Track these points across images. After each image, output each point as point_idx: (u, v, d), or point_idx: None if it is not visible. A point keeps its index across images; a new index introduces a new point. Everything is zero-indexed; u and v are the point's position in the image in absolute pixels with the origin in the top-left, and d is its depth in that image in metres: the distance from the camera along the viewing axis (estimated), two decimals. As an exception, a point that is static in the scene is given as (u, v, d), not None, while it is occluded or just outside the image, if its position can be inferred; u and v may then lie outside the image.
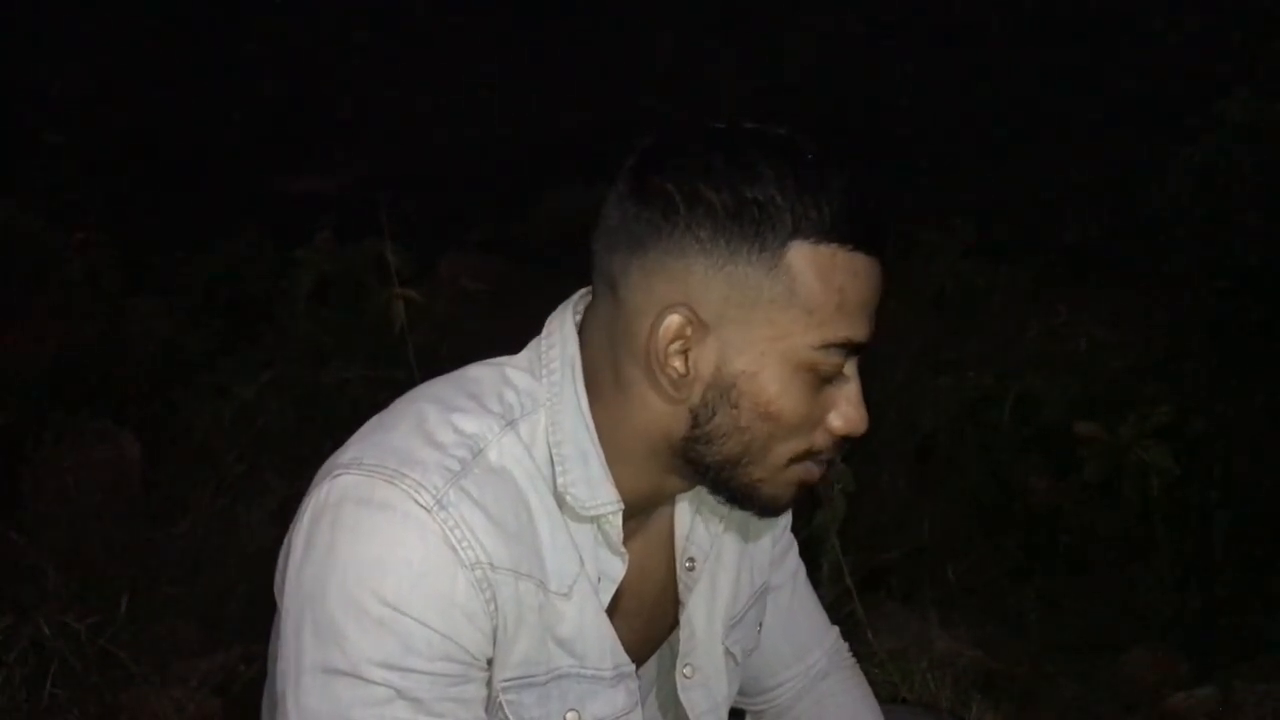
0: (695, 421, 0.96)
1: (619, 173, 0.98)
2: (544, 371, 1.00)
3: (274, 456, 2.97)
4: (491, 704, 0.98)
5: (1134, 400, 3.00)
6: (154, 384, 3.45)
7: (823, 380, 0.96)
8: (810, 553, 1.32)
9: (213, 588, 2.49)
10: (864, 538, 2.51)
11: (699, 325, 0.94)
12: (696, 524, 1.09)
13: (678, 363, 0.95)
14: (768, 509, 1.01)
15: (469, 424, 0.97)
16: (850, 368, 0.97)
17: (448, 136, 6.90)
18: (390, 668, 0.91)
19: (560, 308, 1.03)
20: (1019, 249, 4.47)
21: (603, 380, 0.99)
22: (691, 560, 1.09)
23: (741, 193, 0.91)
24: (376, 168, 6.25)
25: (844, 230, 0.92)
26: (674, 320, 0.94)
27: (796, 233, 0.91)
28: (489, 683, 0.98)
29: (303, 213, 4.58)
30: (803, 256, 0.92)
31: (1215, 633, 2.44)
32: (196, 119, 6.70)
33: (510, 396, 1.00)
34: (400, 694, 0.91)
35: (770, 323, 0.93)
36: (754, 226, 0.91)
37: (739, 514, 1.12)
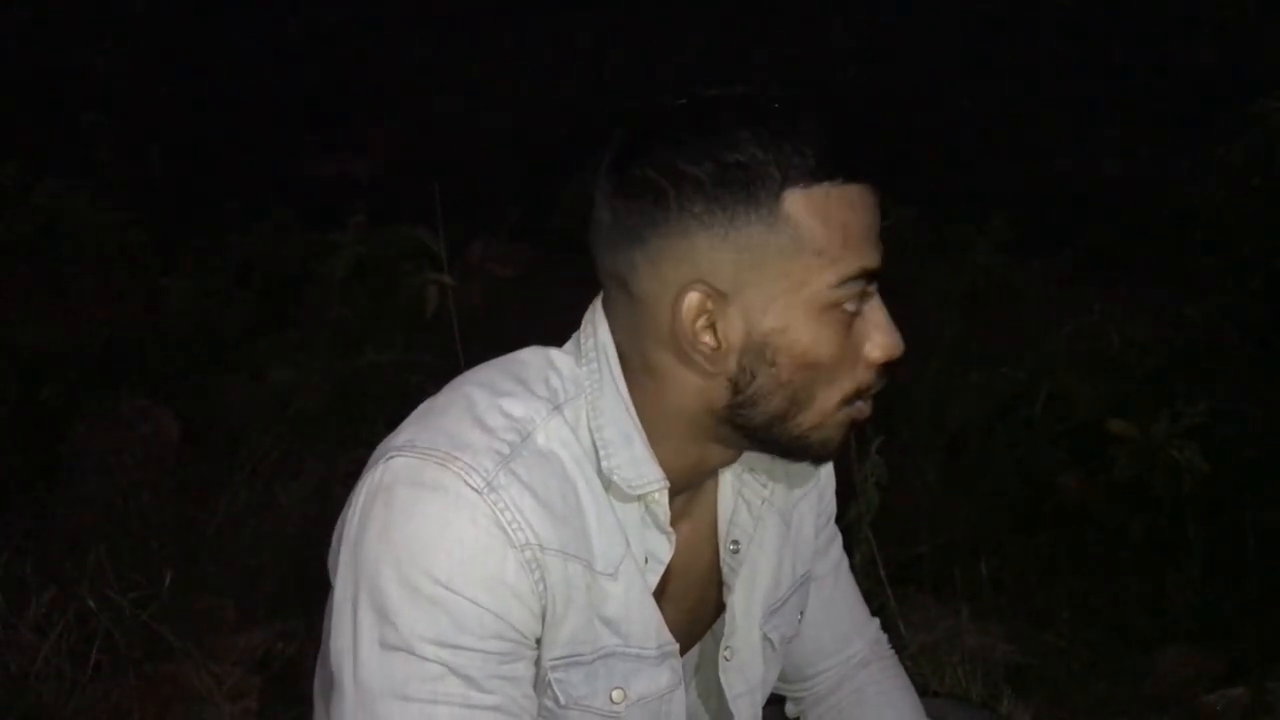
0: (736, 389, 0.98)
1: (598, 172, 0.99)
2: (584, 359, 1.02)
3: (310, 438, 3.00)
4: (540, 682, 1.01)
5: (1166, 399, 2.98)
6: (191, 364, 3.49)
7: (850, 316, 0.97)
8: (843, 545, 1.34)
9: (250, 566, 2.52)
10: (896, 531, 2.51)
11: (718, 297, 0.95)
12: (739, 506, 1.11)
13: (707, 338, 0.96)
14: (821, 455, 1.02)
15: (517, 408, 0.99)
16: (873, 295, 0.98)
17: (477, 121, 6.92)
18: (443, 645, 0.93)
19: (594, 302, 1.05)
20: (1052, 245, 4.44)
21: (635, 368, 1.01)
22: (736, 543, 1.11)
23: (723, 159, 0.92)
24: (406, 151, 6.27)
25: (829, 167, 0.93)
26: (693, 298, 0.95)
27: (786, 182, 0.92)
28: (538, 662, 1.00)
29: (333, 195, 4.61)
30: (798, 203, 0.93)
31: (1247, 632, 2.43)
32: (230, 100, 6.74)
33: (555, 381, 1.02)
34: (452, 670, 0.94)
35: (785, 275, 0.94)
36: (744, 188, 0.93)
37: (779, 498, 1.14)
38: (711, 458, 1.04)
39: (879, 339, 0.98)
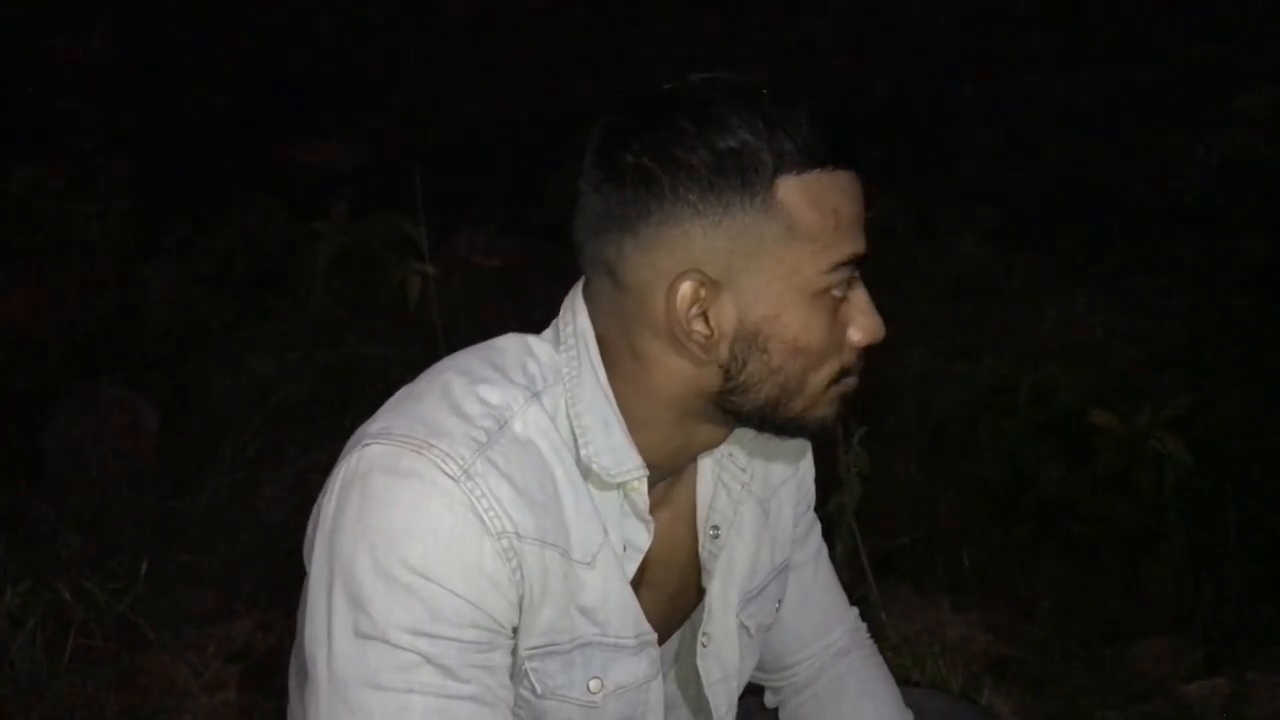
0: (728, 375, 0.98)
1: (586, 158, 0.98)
2: (563, 346, 1.02)
3: (291, 428, 2.99)
4: (517, 672, 1.00)
5: (1149, 390, 3.00)
6: (171, 353, 3.47)
7: (837, 301, 0.98)
8: (825, 535, 1.33)
9: (229, 557, 2.50)
10: (877, 521, 2.51)
11: (711, 285, 0.95)
12: (719, 491, 1.10)
13: (700, 326, 0.96)
14: (819, 433, 1.04)
15: (494, 395, 0.98)
16: (855, 279, 0.99)
17: (462, 112, 6.89)
18: (418, 634, 0.92)
19: (573, 289, 1.04)
20: (1037, 237, 4.45)
21: (619, 356, 1.00)
22: (716, 528, 1.11)
23: (717, 146, 0.92)
24: (390, 141, 6.25)
25: (821, 153, 0.94)
26: (687, 287, 0.95)
27: (779, 169, 0.93)
28: (514, 651, 0.99)
29: (316, 184, 4.58)
30: (791, 189, 0.93)
31: (1227, 623, 2.45)
32: (213, 88, 6.70)
33: (533, 368, 1.01)
34: (428, 660, 0.93)
35: (779, 262, 0.94)
36: (739, 175, 0.92)
37: (758, 485, 1.14)
38: (697, 442, 1.04)
39: (862, 322, 0.99)
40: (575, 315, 1.02)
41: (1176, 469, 2.71)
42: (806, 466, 1.24)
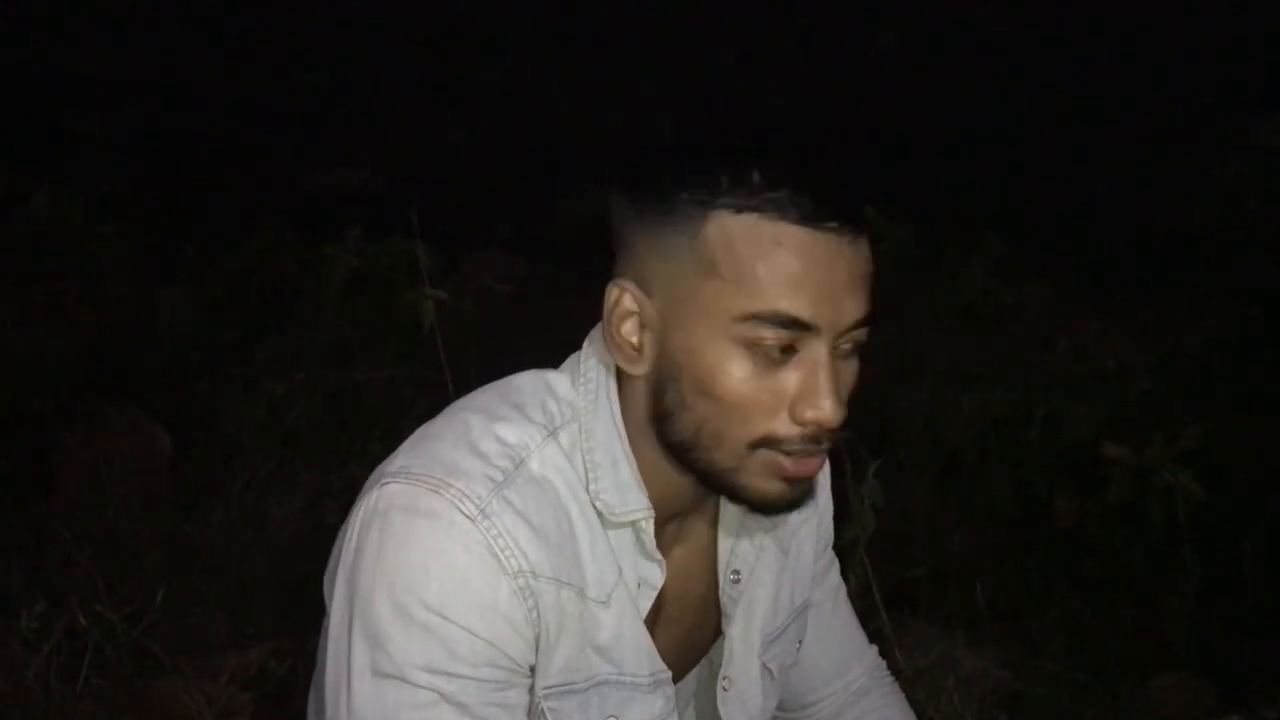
0: (654, 396, 0.97)
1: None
2: (581, 380, 1.02)
3: (303, 451, 2.99)
4: (534, 711, 1.00)
5: (1161, 422, 2.98)
6: (184, 375, 3.48)
7: (771, 360, 0.91)
8: (839, 568, 1.33)
9: (243, 581, 2.50)
10: (889, 553, 2.50)
11: (644, 299, 0.95)
12: (741, 537, 1.10)
13: (628, 331, 0.96)
14: (756, 503, 0.97)
15: (511, 434, 0.99)
16: (819, 352, 0.92)
17: (472, 135, 6.93)
18: (435, 672, 0.93)
19: (599, 324, 1.04)
20: (1047, 265, 4.45)
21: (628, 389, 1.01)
22: (737, 573, 1.10)
23: (670, 168, 0.93)
24: (400, 164, 6.28)
25: (771, 201, 0.90)
26: (614, 291, 0.96)
27: (714, 203, 0.91)
28: (531, 690, 0.99)
29: (327, 207, 4.60)
30: (721, 226, 0.91)
31: (1242, 659, 2.43)
32: (227, 112, 6.75)
33: (552, 405, 1.01)
34: (445, 698, 0.93)
35: (696, 295, 0.92)
36: (675, 199, 0.92)
37: (777, 529, 1.13)
38: (700, 487, 1.02)
39: (812, 400, 0.92)
40: (600, 351, 1.02)
41: (1189, 501, 2.69)
42: (826, 505, 1.23)
